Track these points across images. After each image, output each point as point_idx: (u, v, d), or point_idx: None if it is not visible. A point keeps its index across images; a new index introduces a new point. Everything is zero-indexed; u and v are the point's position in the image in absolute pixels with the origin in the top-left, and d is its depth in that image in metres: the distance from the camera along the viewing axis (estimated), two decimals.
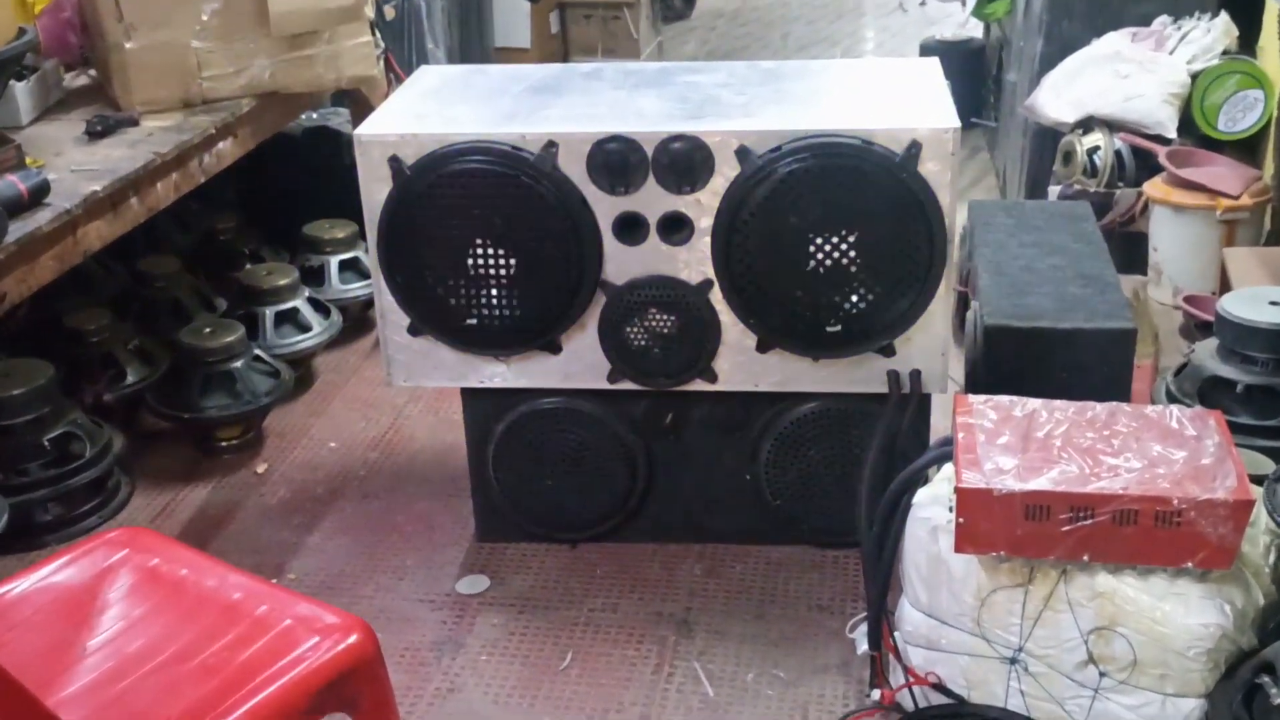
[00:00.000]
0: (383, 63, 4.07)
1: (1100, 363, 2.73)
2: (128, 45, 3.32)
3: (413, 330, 2.93)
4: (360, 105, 3.80)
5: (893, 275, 2.72)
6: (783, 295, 2.77)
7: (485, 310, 2.86)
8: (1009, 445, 2.32)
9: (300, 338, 3.97)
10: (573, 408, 3.01)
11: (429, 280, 2.85)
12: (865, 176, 2.65)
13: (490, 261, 2.81)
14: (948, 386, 2.87)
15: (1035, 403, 2.44)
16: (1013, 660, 2.36)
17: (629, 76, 3.10)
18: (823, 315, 2.77)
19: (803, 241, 2.71)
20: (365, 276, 4.25)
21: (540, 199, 2.74)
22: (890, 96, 2.93)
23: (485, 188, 2.75)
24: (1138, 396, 2.92)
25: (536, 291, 2.83)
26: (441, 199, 2.77)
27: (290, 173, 4.44)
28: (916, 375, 2.83)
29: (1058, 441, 2.32)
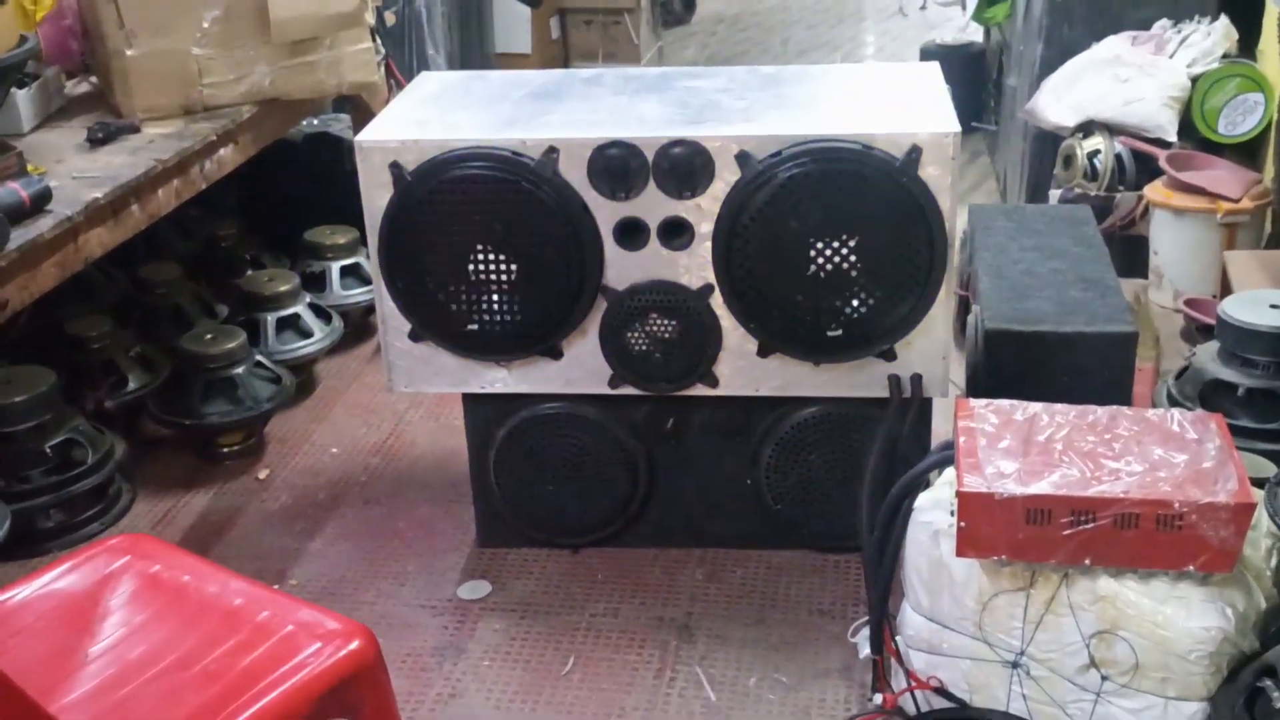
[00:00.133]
0: (383, 69, 4.08)
1: (1101, 366, 2.73)
2: (129, 52, 3.33)
3: (414, 336, 2.93)
4: (361, 111, 3.81)
5: (893, 280, 2.73)
6: (783, 300, 2.77)
7: (486, 316, 2.86)
8: (1010, 449, 2.32)
9: (301, 344, 3.97)
10: (574, 413, 3.01)
11: (430, 286, 2.86)
12: (866, 181, 2.65)
13: (491, 267, 2.81)
14: (949, 391, 2.87)
15: (1036, 406, 2.44)
16: (1014, 664, 2.36)
17: (629, 82, 3.11)
18: (823, 320, 2.77)
19: (803, 246, 2.71)
20: (366, 282, 4.25)
21: (541, 204, 2.74)
22: (890, 101, 2.93)
23: (486, 193, 2.75)
24: (1139, 400, 2.92)
25: (537, 297, 2.84)
26: (442, 205, 2.78)
27: (291, 179, 4.44)
28: (917, 379, 2.83)
29: (1059, 445, 2.32)
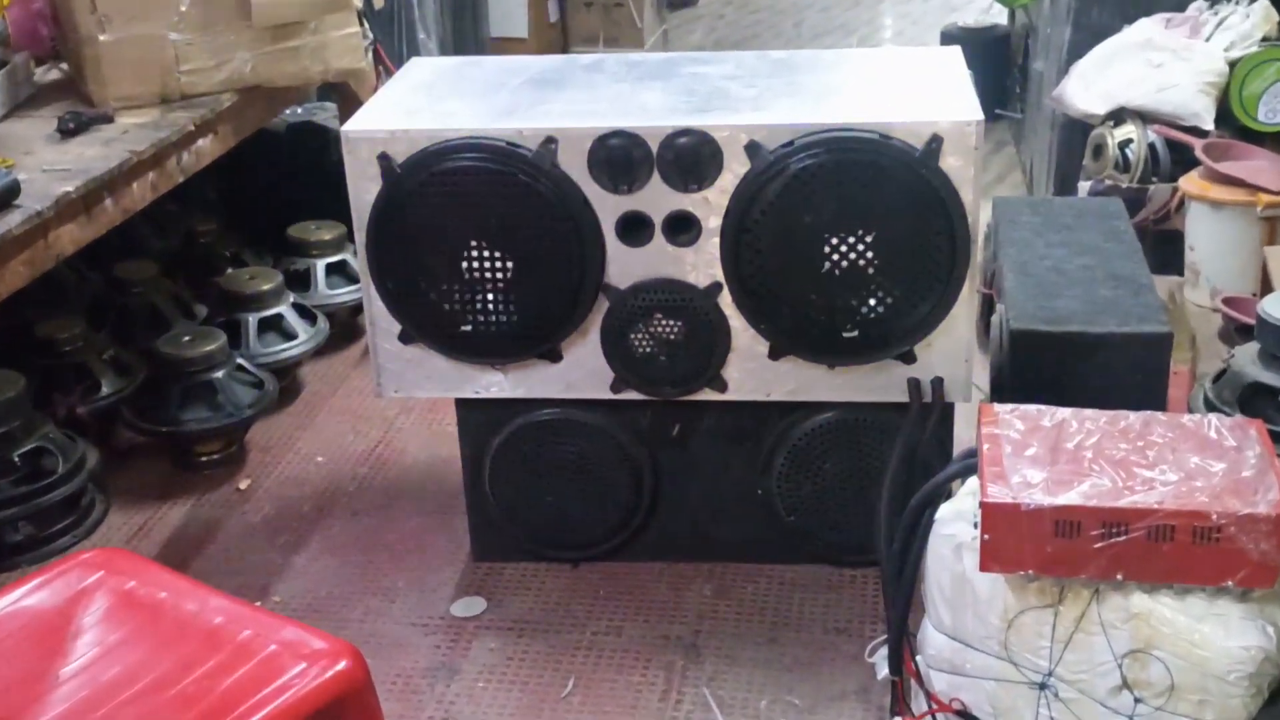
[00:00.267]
0: (371, 54, 4.09)
1: (1134, 369, 2.73)
2: (101, 38, 3.33)
3: (404, 338, 2.93)
4: (348, 100, 3.82)
5: (912, 277, 2.73)
6: (796, 299, 2.77)
7: (481, 316, 2.86)
8: (1037, 457, 2.32)
9: (285, 346, 3.98)
10: (574, 419, 3.01)
11: (421, 285, 2.86)
12: (883, 172, 2.66)
13: (486, 265, 2.82)
14: (972, 395, 2.88)
15: (1065, 412, 2.44)
16: (1042, 685, 2.35)
17: (632, 68, 3.11)
18: (838, 320, 2.77)
19: (817, 242, 2.71)
20: (353, 281, 4.26)
21: (539, 198, 2.75)
22: (909, 88, 2.93)
23: (480, 186, 2.76)
24: (1174, 405, 2.92)
25: (535, 296, 2.84)
26: (434, 198, 2.78)
27: (274, 171, 4.45)
28: (938, 383, 2.83)
29: (1089, 453, 2.32)
